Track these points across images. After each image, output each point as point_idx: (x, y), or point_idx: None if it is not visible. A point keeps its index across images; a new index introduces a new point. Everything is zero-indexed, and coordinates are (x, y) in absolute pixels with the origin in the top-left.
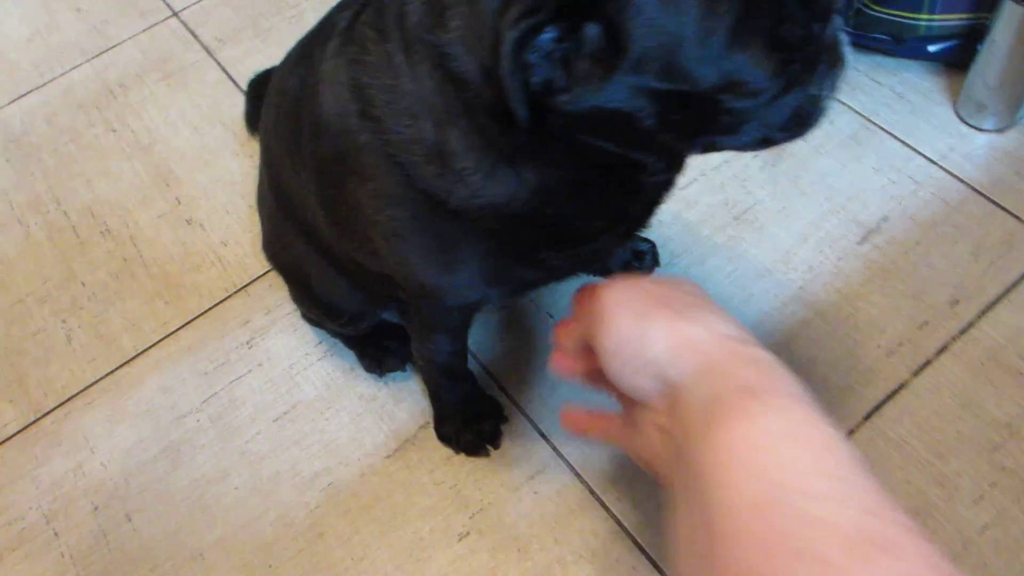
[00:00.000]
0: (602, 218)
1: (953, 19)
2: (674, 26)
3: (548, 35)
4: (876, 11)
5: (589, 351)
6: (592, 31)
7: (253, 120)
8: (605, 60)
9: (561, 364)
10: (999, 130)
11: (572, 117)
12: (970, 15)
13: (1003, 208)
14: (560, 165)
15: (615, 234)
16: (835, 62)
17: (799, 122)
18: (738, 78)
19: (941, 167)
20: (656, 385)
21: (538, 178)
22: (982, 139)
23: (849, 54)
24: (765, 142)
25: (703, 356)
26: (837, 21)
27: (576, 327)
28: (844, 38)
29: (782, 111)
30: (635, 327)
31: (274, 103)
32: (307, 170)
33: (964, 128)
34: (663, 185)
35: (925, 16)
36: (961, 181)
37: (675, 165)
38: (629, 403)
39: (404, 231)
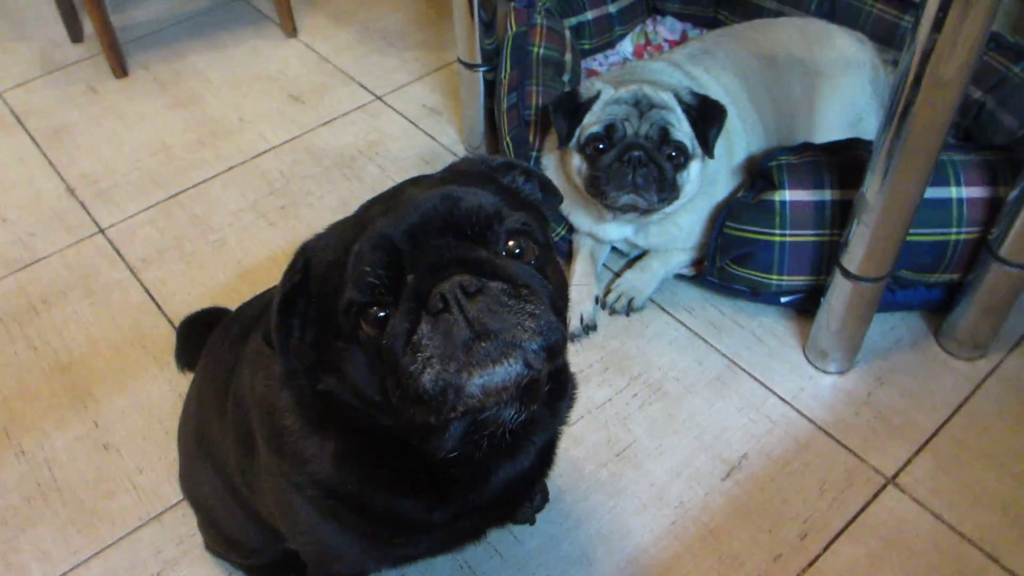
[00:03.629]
0: (410, 494)
1: (799, 280)
2: None
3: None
4: (735, 270)
5: None
6: None
7: (183, 358)
8: None
9: None
10: (841, 373)
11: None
12: (812, 276)
13: (844, 446)
14: (349, 431)
15: (454, 520)
16: None
17: None
18: None
19: (793, 407)
20: None
21: (336, 446)
22: (827, 381)
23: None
24: None
25: None
26: None
27: None
28: None
29: None
30: None
31: (211, 366)
32: (229, 431)
33: (812, 370)
34: (471, 469)
35: (776, 277)
36: (809, 420)
37: (443, 436)
38: None
39: (284, 504)
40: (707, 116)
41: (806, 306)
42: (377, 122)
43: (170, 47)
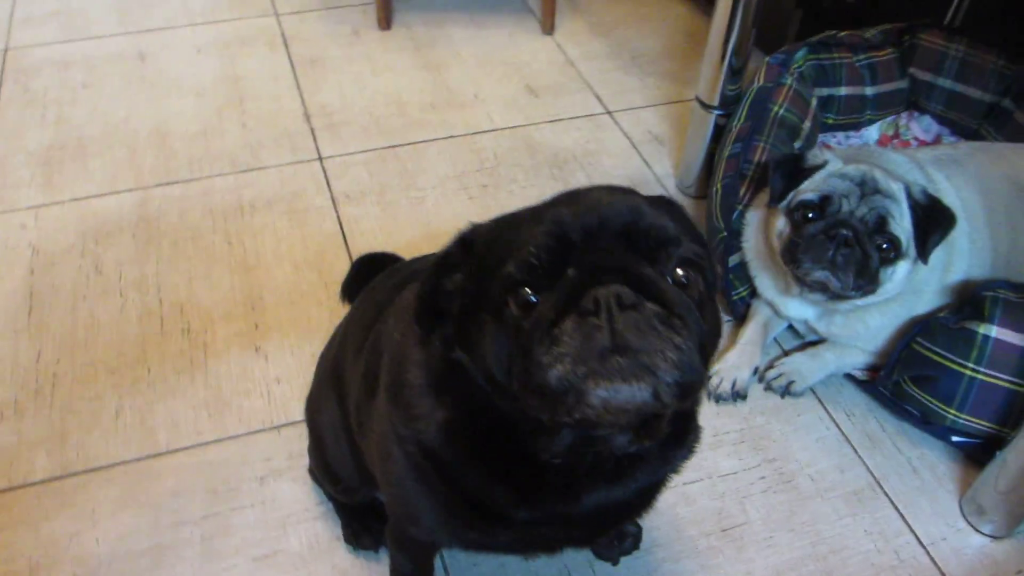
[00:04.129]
0: (502, 483)
1: (978, 423)
2: None
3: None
4: (911, 389)
5: None
6: None
7: (347, 291)
8: None
9: None
10: (994, 537)
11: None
12: (994, 425)
13: None
14: (464, 403)
15: (535, 524)
16: None
17: None
18: None
19: (928, 552)
20: None
21: (448, 413)
22: (975, 540)
23: None
24: None
25: None
26: None
27: None
28: None
29: None
30: None
31: (365, 304)
32: (359, 369)
33: (962, 523)
34: (567, 481)
35: (953, 411)
36: (942, 573)
37: (552, 438)
38: None
39: (383, 452)
40: (934, 220)
41: (978, 454)
42: (599, 134)
43: (435, 14)
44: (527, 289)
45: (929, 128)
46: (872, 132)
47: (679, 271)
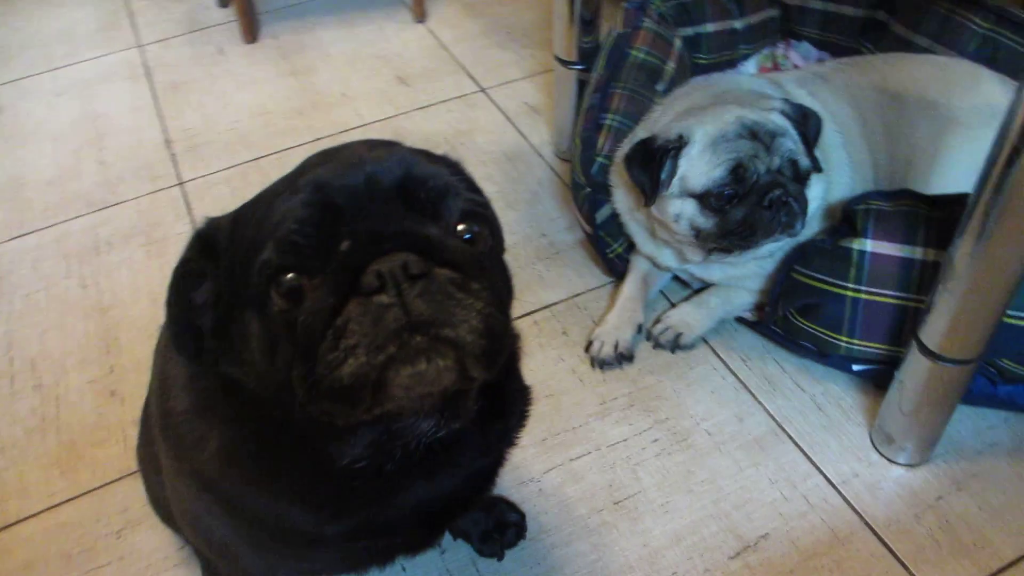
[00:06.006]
0: (299, 502)
1: (872, 347)
2: None
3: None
4: (799, 322)
5: None
6: None
7: None
8: None
9: None
10: (910, 465)
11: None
12: (890, 346)
13: (891, 552)
14: (239, 421)
15: (351, 537)
16: None
17: None
18: None
19: (839, 492)
20: None
21: (222, 437)
22: (891, 472)
23: None
24: None
25: None
26: None
27: None
28: None
29: None
30: None
31: None
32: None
33: (875, 456)
34: (377, 483)
35: (844, 338)
36: (855, 511)
37: (348, 441)
38: None
39: (170, 488)
40: (809, 126)
41: (882, 380)
42: (473, 113)
43: (303, 20)
44: (292, 275)
45: (808, 54)
46: (749, 66)
47: (462, 226)
